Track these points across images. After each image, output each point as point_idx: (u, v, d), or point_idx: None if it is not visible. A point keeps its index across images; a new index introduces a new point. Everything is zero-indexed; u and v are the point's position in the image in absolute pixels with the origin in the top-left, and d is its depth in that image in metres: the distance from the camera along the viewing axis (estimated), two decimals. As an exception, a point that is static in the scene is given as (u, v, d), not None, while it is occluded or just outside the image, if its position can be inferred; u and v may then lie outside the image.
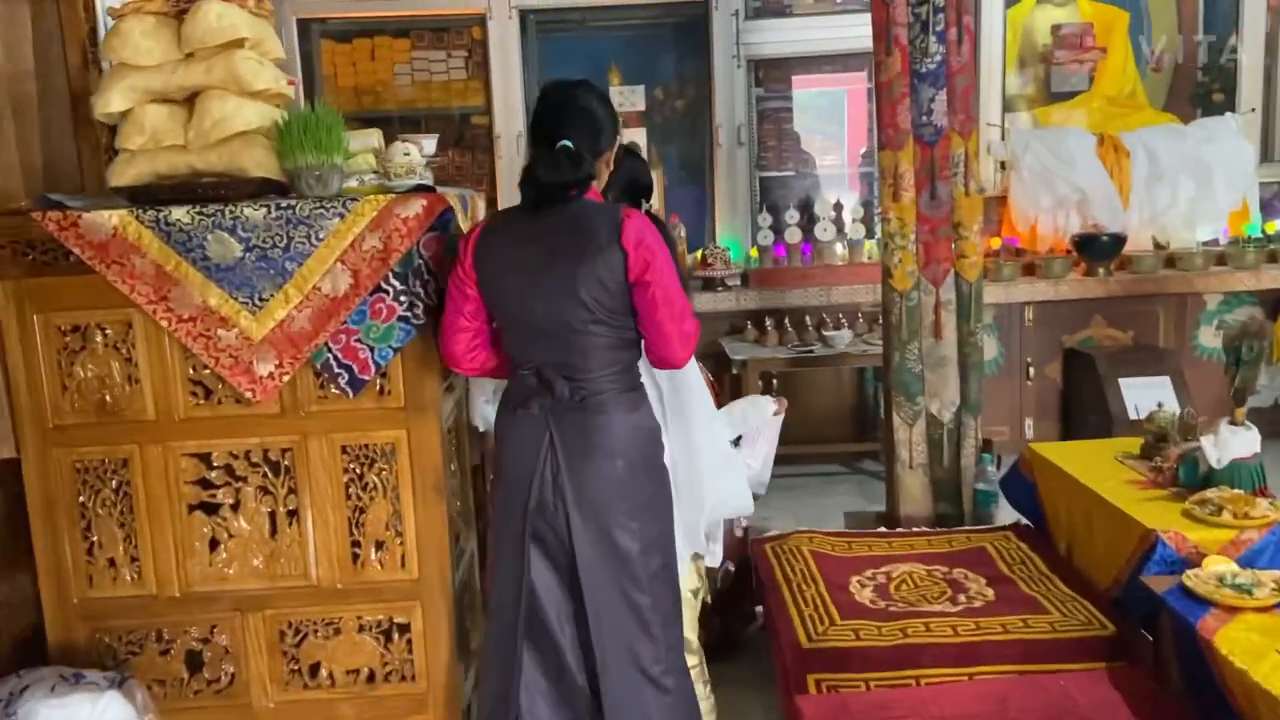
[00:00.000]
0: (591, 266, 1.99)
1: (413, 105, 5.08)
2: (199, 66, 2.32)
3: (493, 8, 4.82)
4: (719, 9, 4.84)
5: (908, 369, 3.37)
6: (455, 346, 2.19)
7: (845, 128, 5.47)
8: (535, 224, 2.05)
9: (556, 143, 2.01)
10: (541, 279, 2.03)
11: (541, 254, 2.03)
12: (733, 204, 5.03)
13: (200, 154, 2.35)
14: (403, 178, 2.45)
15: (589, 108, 2.08)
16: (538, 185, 2.02)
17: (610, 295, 2.02)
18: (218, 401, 2.39)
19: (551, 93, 2.11)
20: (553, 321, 2.04)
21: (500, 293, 2.09)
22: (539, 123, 2.09)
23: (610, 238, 1.99)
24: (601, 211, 2.05)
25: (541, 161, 2.01)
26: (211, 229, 2.28)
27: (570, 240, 2.01)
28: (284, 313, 2.31)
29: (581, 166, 2.01)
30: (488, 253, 2.09)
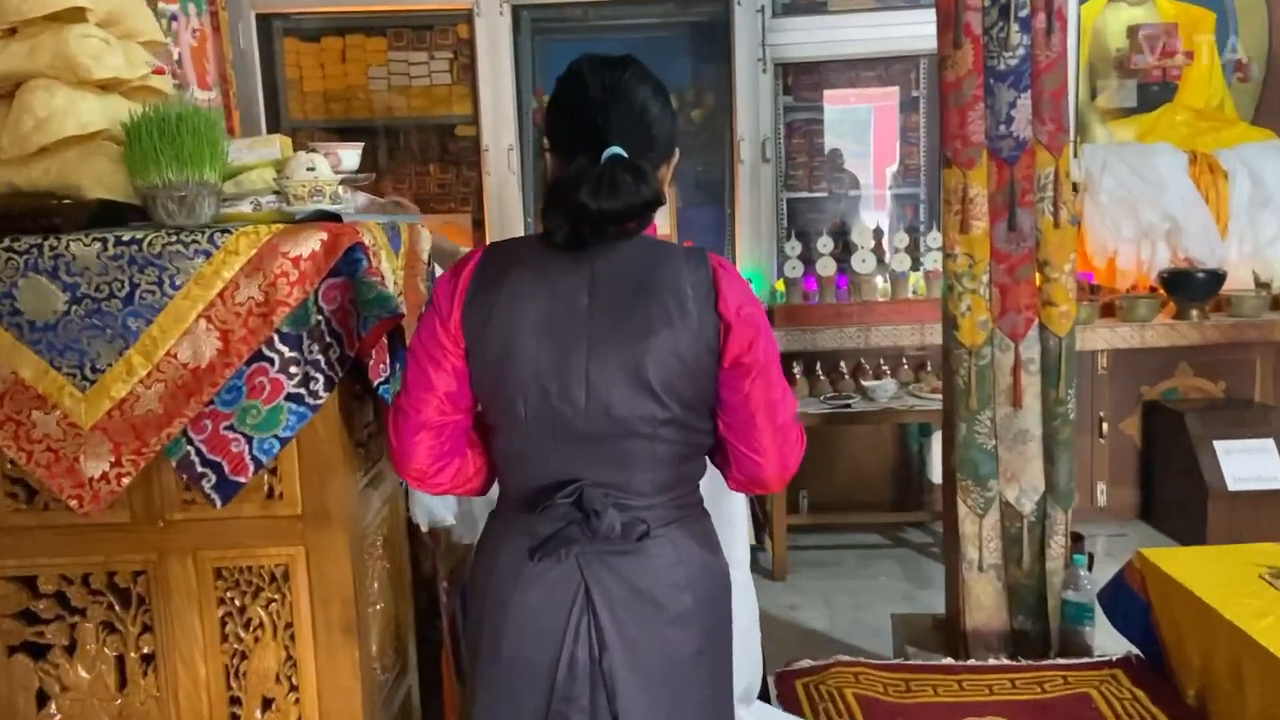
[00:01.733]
0: (668, 339, 1.33)
1: (390, 113, 4.44)
2: (19, 47, 1.67)
3: (481, 3, 4.19)
4: (742, 5, 4.18)
5: (977, 445, 2.67)
6: (416, 451, 1.45)
7: (871, 144, 4.88)
8: (573, 271, 1.36)
9: (603, 150, 1.32)
10: (584, 354, 1.34)
11: (584, 316, 1.35)
12: (756, 229, 4.36)
13: (18, 167, 1.70)
14: (304, 202, 1.78)
15: (643, 99, 1.38)
16: (581, 215, 1.30)
17: (692, 382, 1.36)
18: (44, 506, 1.73)
19: (590, 76, 1.39)
20: (601, 419, 1.35)
21: (508, 371, 1.37)
22: (573, 121, 1.39)
23: (700, 298, 1.34)
24: (675, 256, 1.38)
25: (585, 179, 1.30)
26: (23, 272, 1.62)
27: (634, 298, 1.34)
28: (125, 389, 1.64)
29: (647, 185, 1.31)
30: (490, 306, 1.37)
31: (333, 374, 1.69)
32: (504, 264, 1.39)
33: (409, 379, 1.44)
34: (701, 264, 1.37)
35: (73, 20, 1.68)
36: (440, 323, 1.40)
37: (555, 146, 1.42)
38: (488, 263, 1.40)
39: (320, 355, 1.68)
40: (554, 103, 1.43)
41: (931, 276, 4.12)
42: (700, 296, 1.34)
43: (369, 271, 1.67)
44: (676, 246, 1.42)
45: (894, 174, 4.76)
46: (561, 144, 1.41)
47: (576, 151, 1.34)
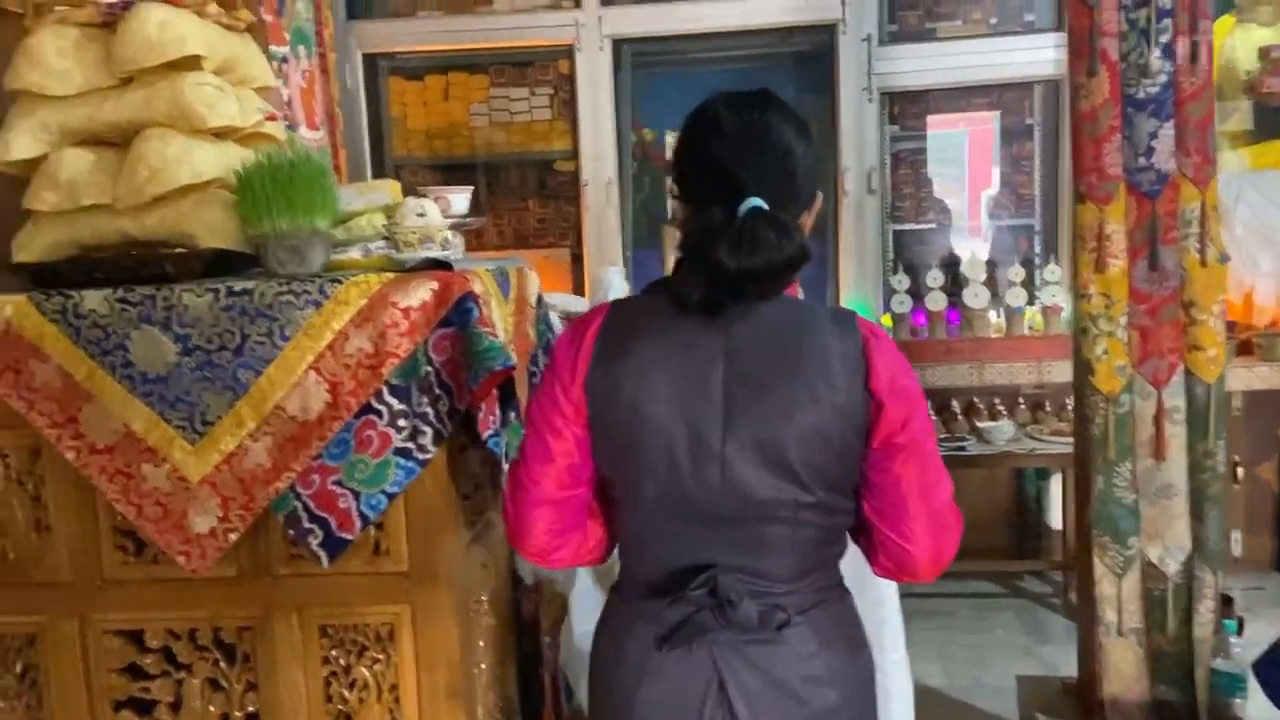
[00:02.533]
0: (813, 417, 1.21)
1: (490, 149, 4.44)
2: (135, 96, 1.67)
3: (582, 38, 4.16)
4: (847, 34, 4.06)
5: (1116, 499, 2.47)
6: (535, 527, 1.33)
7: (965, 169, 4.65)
8: (707, 337, 1.23)
9: (741, 201, 1.19)
10: (719, 431, 1.22)
11: (720, 389, 1.23)
12: (861, 262, 4.21)
13: (134, 216, 1.69)
14: (414, 248, 1.73)
15: (786, 142, 1.25)
16: (718, 275, 1.17)
17: (837, 464, 1.24)
18: (152, 559, 1.71)
19: (725, 118, 1.25)
20: (735, 501, 1.23)
21: (635, 446, 1.25)
22: (707, 169, 1.25)
23: (848, 371, 1.22)
24: (821, 321, 1.25)
25: (722, 235, 1.16)
26: (136, 323, 1.60)
27: (774, 370, 1.22)
28: (233, 443, 1.61)
29: (791, 240, 1.17)
30: (616, 375, 1.25)
31: (442, 427, 1.63)
32: (631, 327, 1.27)
33: (527, 449, 1.32)
34: (850, 332, 1.24)
35: (188, 68, 1.67)
36: (562, 389, 1.28)
37: (686, 195, 1.29)
38: (613, 325, 1.28)
39: (429, 408, 1.62)
40: (685, 147, 1.29)
41: (1050, 312, 3.92)
42: (849, 369, 1.21)
43: (480, 321, 1.61)
44: (822, 309, 1.28)
45: (992, 201, 4.56)
46: (693, 193, 1.28)
47: (710, 202, 1.21)
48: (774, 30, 4.25)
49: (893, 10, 4.23)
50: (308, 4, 3.81)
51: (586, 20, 4.15)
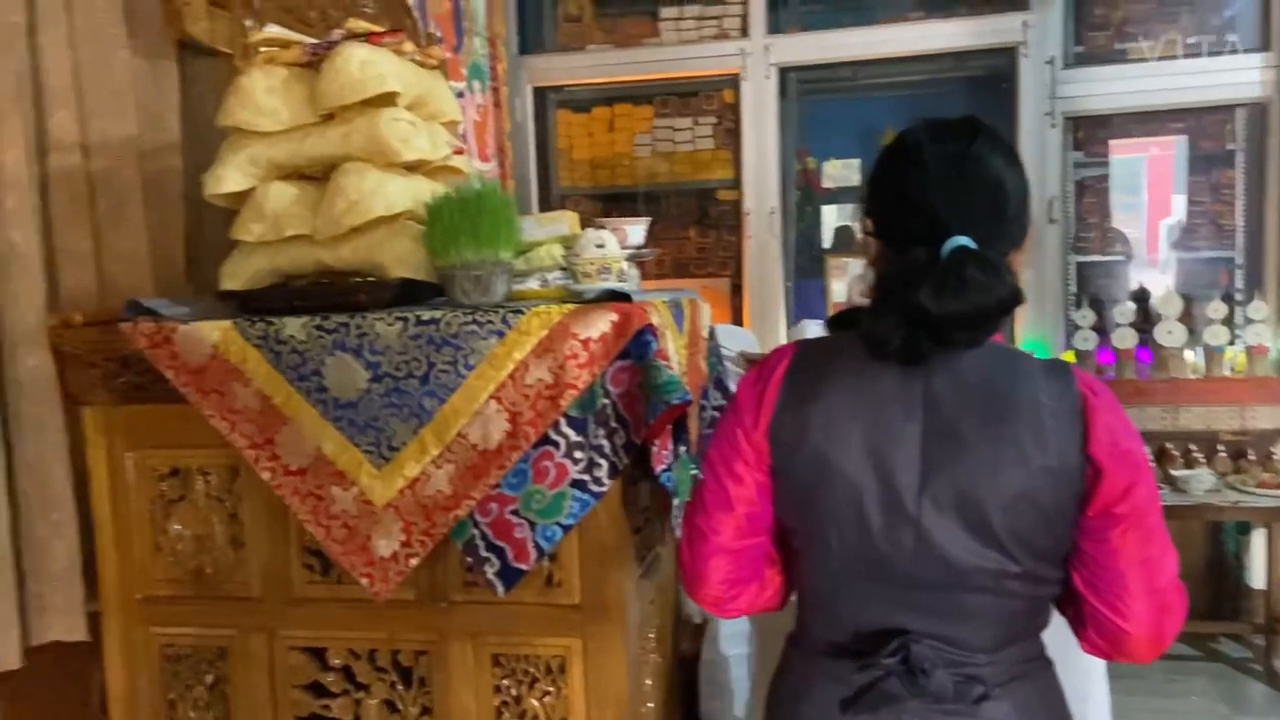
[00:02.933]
0: (1021, 480, 1.10)
1: (652, 179, 4.47)
2: (335, 132, 1.73)
3: (748, 67, 4.14)
4: (1029, 56, 3.89)
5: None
6: (711, 576, 1.26)
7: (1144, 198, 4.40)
8: (904, 386, 1.14)
9: (944, 240, 1.10)
10: (915, 489, 1.13)
11: (917, 443, 1.13)
12: (1040, 296, 4.00)
13: (331, 246, 1.75)
14: (592, 279, 1.73)
15: (996, 173, 1.15)
16: (921, 320, 1.08)
17: (1047, 532, 1.13)
18: (337, 579, 1.75)
19: (929, 149, 1.16)
20: (932, 566, 1.14)
21: (821, 499, 1.17)
22: (907, 204, 1.16)
23: (1063, 431, 1.10)
24: (1032, 373, 1.14)
25: (925, 276, 1.08)
26: (331, 350, 1.66)
27: (979, 426, 1.12)
28: (417, 469, 1.64)
29: (1001, 281, 1.08)
30: (804, 422, 1.17)
31: (617, 460, 1.61)
32: (820, 371, 1.19)
33: (706, 495, 1.25)
34: (1066, 386, 1.11)
35: (385, 105, 1.72)
36: (744, 434, 1.21)
37: (883, 233, 1.20)
38: (800, 368, 1.21)
39: (605, 441, 1.61)
40: (881, 180, 1.21)
41: (1254, 353, 3.61)
42: (1063, 429, 1.10)
43: (658, 354, 1.59)
44: (1032, 359, 1.16)
45: (1175, 231, 4.26)
46: (891, 231, 1.19)
47: (911, 241, 1.12)
48: (948, 54, 4.11)
49: (1078, 32, 4.02)
50: (483, 41, 3.94)
51: (753, 49, 4.13)
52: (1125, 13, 3.97)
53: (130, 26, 2.03)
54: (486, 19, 3.97)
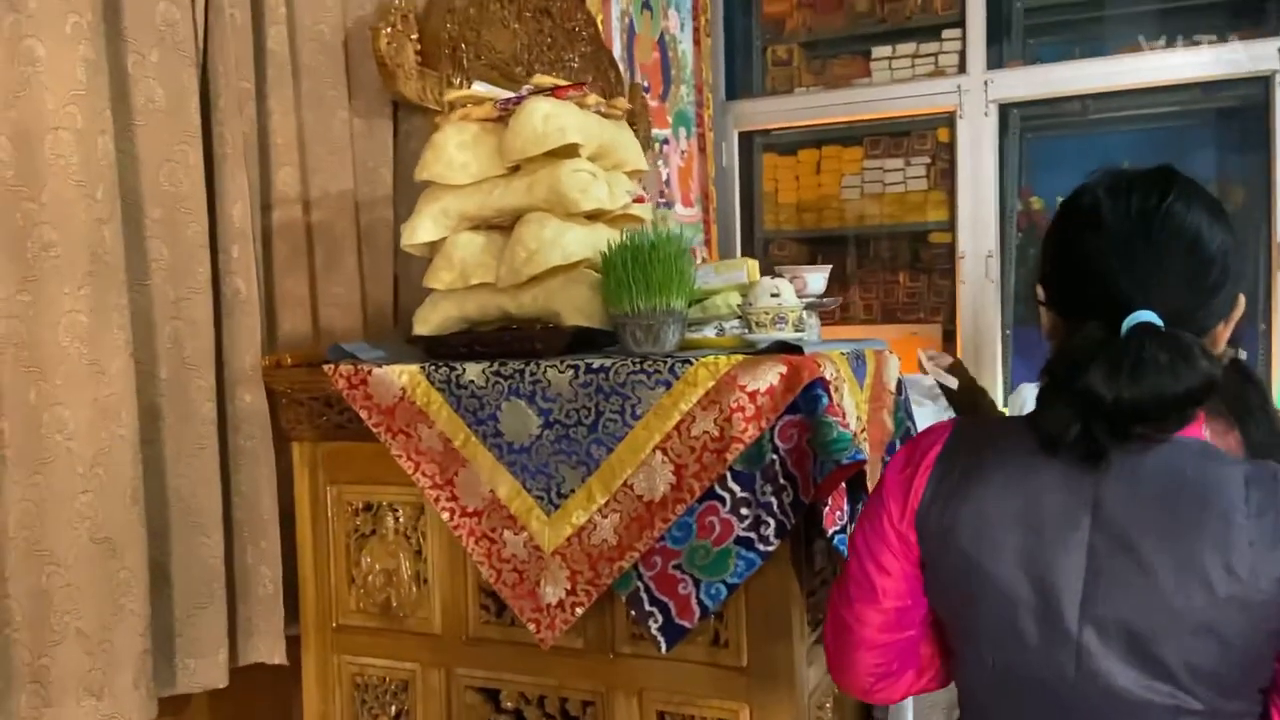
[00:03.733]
0: (1204, 608, 0.95)
1: (860, 221, 4.36)
2: (520, 183, 1.79)
3: (965, 104, 3.97)
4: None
5: None
6: (856, 669, 1.18)
7: None
8: (1071, 484, 1.00)
9: (1126, 313, 0.97)
10: (1076, 607, 0.99)
11: (1081, 554, 0.99)
12: (1303, 352, 3.56)
13: (512, 294, 1.80)
14: (766, 329, 1.69)
15: (1193, 233, 0.99)
16: (1093, 408, 0.95)
17: (1233, 665, 0.97)
18: (510, 621, 1.78)
19: (1109, 206, 1.02)
20: (1095, 696, 1.00)
21: (969, 605, 1.07)
22: (1081, 271, 1.03)
23: (1262, 553, 0.94)
24: (1229, 481, 0.97)
25: (1098, 356, 0.95)
26: (507, 395, 1.70)
27: (1156, 536, 0.97)
28: (584, 517, 1.64)
29: (1193, 366, 0.93)
30: (953, 515, 1.06)
31: (785, 519, 1.54)
32: (976, 458, 1.07)
33: (850, 582, 1.16)
34: (1269, 504, 0.94)
35: (567, 156, 1.76)
36: (890, 521, 1.11)
37: (1057, 303, 1.07)
38: (954, 454, 1.08)
39: (773, 498, 1.54)
40: (1055, 243, 1.08)
41: None
42: (1263, 557, 0.93)
43: (829, 410, 1.52)
44: (1234, 462, 0.99)
45: None
46: (1065, 302, 1.06)
47: (1086, 314, 0.99)
48: (1190, 85, 3.78)
49: (1349, 53, 3.58)
50: (689, 88, 4.00)
51: (971, 86, 3.96)
52: None
53: (350, 88, 2.19)
54: (694, 66, 4.03)
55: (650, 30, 3.67)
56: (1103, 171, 1.06)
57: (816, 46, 4.37)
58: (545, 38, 2.66)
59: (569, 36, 2.78)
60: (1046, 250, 1.09)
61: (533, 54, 2.62)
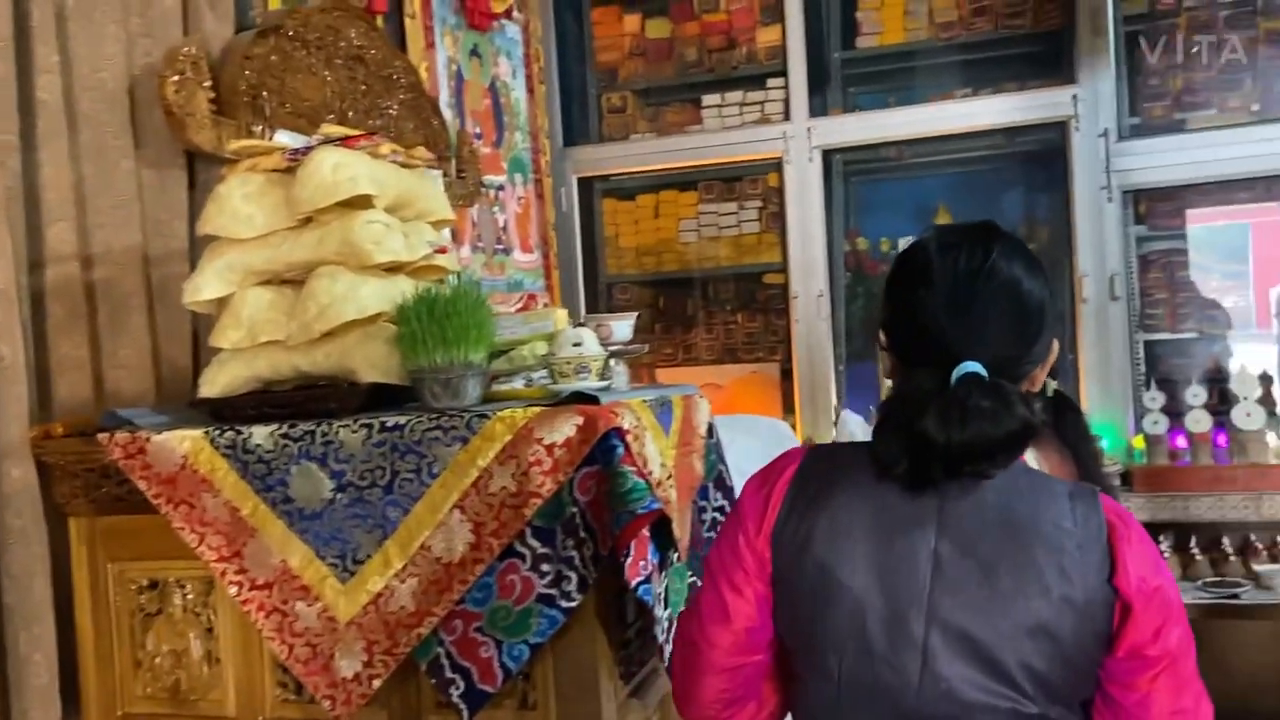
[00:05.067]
0: (1039, 613, 1.03)
1: (699, 264, 4.42)
2: (311, 236, 1.72)
3: (791, 150, 4.09)
4: (1081, 130, 3.75)
5: None
6: (704, 692, 1.20)
7: (1250, 267, 4.15)
8: (916, 502, 1.08)
9: (955, 363, 1.05)
10: (923, 615, 1.06)
11: (928, 565, 1.07)
12: (1105, 377, 3.78)
13: (305, 352, 1.72)
14: (569, 379, 1.66)
15: (1012, 288, 1.09)
16: (924, 450, 1.04)
17: (1067, 671, 1.05)
18: (310, 699, 1.68)
19: (938, 265, 1.10)
20: (937, 700, 1.05)
21: (822, 617, 1.11)
22: (914, 325, 1.12)
23: (1088, 563, 1.04)
24: (1056, 499, 1.07)
25: (927, 406, 1.04)
26: (296, 458, 1.61)
27: (996, 552, 1.05)
28: (381, 583, 1.57)
29: (1011, 413, 1.03)
30: (807, 531, 1.12)
31: (587, 573, 1.51)
32: (827, 480, 1.13)
33: (703, 605, 1.19)
34: (1092, 514, 1.05)
35: (361, 206, 1.71)
36: (746, 540, 1.16)
37: (895, 349, 1.16)
38: (809, 474, 1.15)
39: (574, 552, 1.51)
40: (891, 296, 1.15)
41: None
42: (1088, 558, 1.03)
43: (625, 460, 1.50)
44: (1058, 484, 1.10)
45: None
46: (900, 351, 1.14)
47: (919, 363, 1.08)
48: (997, 131, 4.00)
49: (1134, 103, 3.87)
50: (525, 134, 3.99)
51: (796, 133, 4.09)
52: (1184, 81, 3.80)
53: (137, 138, 2.08)
54: (529, 113, 4.02)
55: (480, 77, 3.65)
56: (934, 229, 1.15)
57: (650, 94, 4.44)
58: (359, 85, 2.60)
59: (386, 84, 2.73)
60: (887, 300, 1.17)
61: (346, 102, 2.55)
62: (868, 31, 4.14)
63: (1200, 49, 3.73)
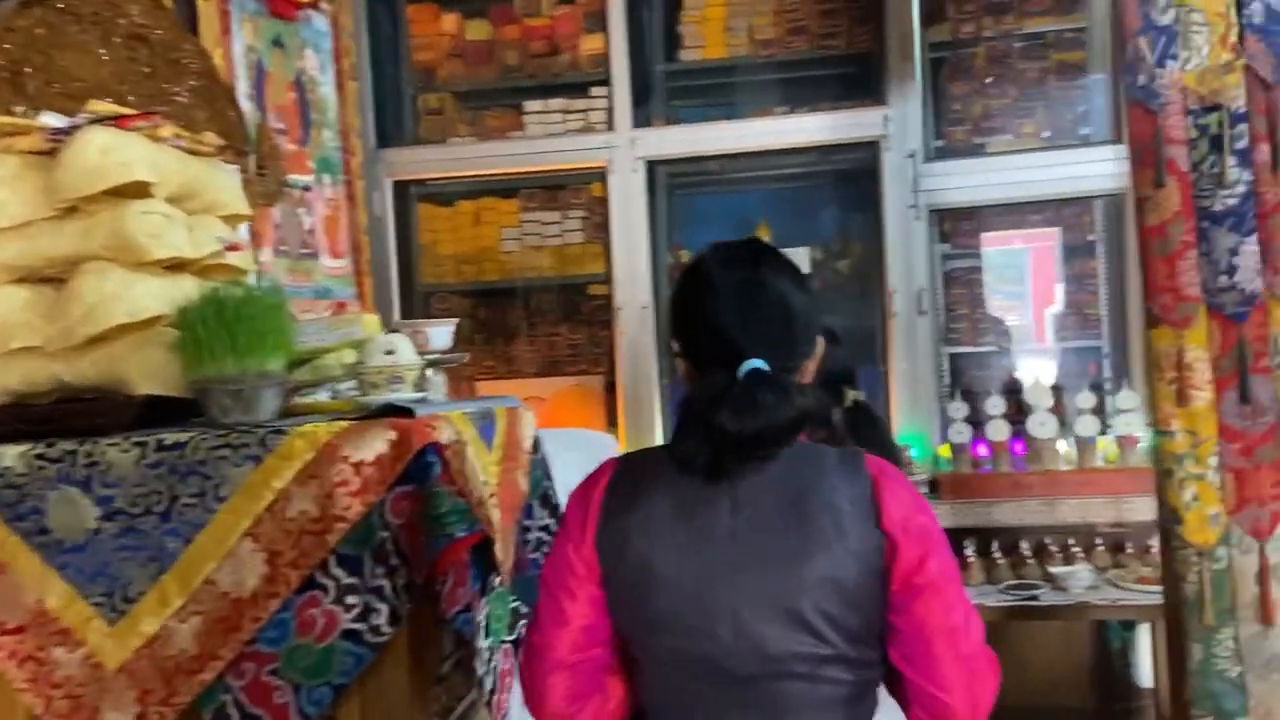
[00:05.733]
0: (824, 564, 1.20)
1: (521, 274, 4.31)
2: (74, 227, 1.50)
3: (614, 160, 4.04)
4: (891, 150, 3.88)
5: (1218, 673, 2.10)
6: (550, 694, 1.29)
7: (1028, 287, 4.36)
8: (713, 490, 1.23)
9: (740, 363, 1.21)
10: (730, 585, 1.22)
11: (728, 542, 1.22)
12: (914, 388, 3.92)
13: (67, 360, 1.50)
14: (381, 390, 1.52)
15: (782, 295, 1.28)
16: (721, 440, 1.18)
17: (856, 612, 1.22)
18: (70, 758, 1.45)
19: (718, 278, 1.28)
20: (750, 657, 1.21)
21: (646, 605, 1.24)
22: (703, 331, 1.28)
23: (858, 514, 1.21)
24: (828, 466, 1.25)
25: (722, 400, 1.18)
26: (54, 483, 1.39)
27: (783, 520, 1.22)
28: (156, 624, 1.37)
29: (790, 402, 1.19)
30: (625, 531, 1.25)
31: (398, 604, 1.37)
32: (637, 482, 1.27)
33: (540, 612, 1.30)
34: (857, 473, 1.23)
35: (137, 195, 1.50)
36: (574, 548, 1.28)
37: (688, 354, 1.31)
38: (620, 480, 1.29)
39: (385, 580, 1.37)
40: (680, 305, 1.32)
41: (1125, 443, 3.57)
42: (859, 511, 1.21)
43: (443, 478, 1.37)
44: (828, 453, 1.28)
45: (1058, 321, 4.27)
46: (694, 354, 1.29)
47: (711, 364, 1.23)
48: (813, 149, 4.09)
49: (939, 126, 4.05)
50: (334, 133, 3.76)
51: (619, 143, 4.04)
52: (983, 107, 4.01)
53: None
54: (339, 111, 3.80)
55: (284, 70, 3.41)
56: (711, 247, 1.33)
57: (469, 97, 4.29)
58: (141, 67, 2.34)
59: (174, 68, 2.48)
60: (675, 310, 1.33)
61: (126, 84, 2.29)
62: (690, 45, 4.15)
63: (998, 78, 3.94)
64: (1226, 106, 2.07)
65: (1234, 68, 2.05)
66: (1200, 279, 2.13)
